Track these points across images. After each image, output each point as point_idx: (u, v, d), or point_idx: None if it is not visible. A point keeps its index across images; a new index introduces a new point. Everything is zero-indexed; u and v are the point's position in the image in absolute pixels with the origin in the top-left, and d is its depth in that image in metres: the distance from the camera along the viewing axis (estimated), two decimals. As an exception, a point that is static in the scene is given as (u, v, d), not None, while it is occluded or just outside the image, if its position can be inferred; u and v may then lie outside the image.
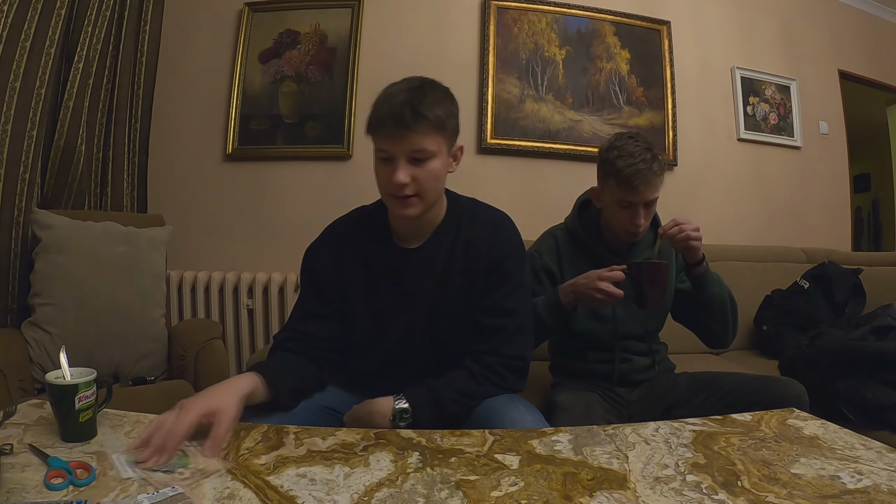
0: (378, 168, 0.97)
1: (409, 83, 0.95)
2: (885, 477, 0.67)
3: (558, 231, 1.43)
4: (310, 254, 1.09)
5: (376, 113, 0.93)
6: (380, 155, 0.95)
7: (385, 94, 0.95)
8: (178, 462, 0.70)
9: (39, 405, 0.89)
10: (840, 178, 3.02)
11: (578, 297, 1.22)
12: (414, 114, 0.90)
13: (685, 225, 1.21)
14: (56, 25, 1.86)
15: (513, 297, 1.04)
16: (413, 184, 0.94)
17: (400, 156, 0.93)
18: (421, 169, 0.94)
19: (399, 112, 0.90)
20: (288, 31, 2.52)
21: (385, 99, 0.93)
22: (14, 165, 1.78)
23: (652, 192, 1.24)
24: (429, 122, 0.92)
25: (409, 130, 0.91)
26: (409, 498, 0.63)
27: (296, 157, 2.48)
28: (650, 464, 0.72)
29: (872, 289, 2.20)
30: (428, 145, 0.93)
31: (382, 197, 1.00)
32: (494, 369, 1.00)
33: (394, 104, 0.91)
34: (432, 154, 0.94)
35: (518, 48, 2.57)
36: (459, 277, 1.04)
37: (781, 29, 2.93)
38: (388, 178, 0.94)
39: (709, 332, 1.36)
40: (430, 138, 0.93)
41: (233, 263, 2.42)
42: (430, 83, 0.97)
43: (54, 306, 1.66)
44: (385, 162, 0.95)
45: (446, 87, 1.00)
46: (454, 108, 0.99)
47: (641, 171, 1.21)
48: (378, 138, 0.94)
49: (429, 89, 0.94)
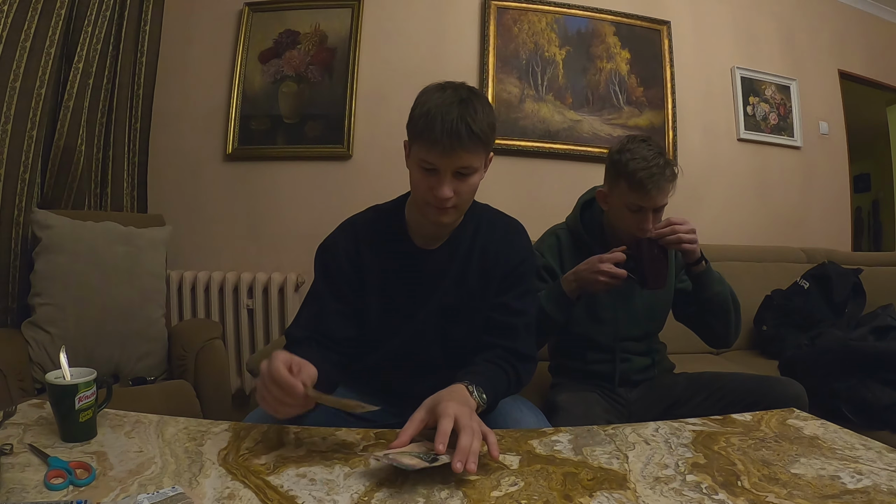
0: (418, 176, 0.95)
1: (457, 93, 0.92)
2: (885, 477, 0.67)
3: (560, 230, 1.43)
4: (325, 249, 1.07)
5: (428, 125, 0.90)
6: (423, 165, 0.93)
7: (434, 104, 0.91)
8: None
9: (39, 405, 0.89)
10: (840, 179, 3.02)
11: (581, 284, 1.20)
12: (469, 132, 0.89)
13: (679, 226, 1.20)
14: (56, 25, 1.86)
15: (523, 299, 1.07)
16: (455, 197, 0.94)
17: (446, 170, 0.92)
18: (464, 183, 0.94)
19: (455, 130, 0.88)
20: (288, 31, 2.52)
21: (438, 111, 0.90)
22: (14, 165, 1.78)
23: (663, 198, 1.23)
24: (479, 140, 0.91)
25: (463, 149, 0.90)
26: (409, 498, 0.63)
27: (296, 157, 2.48)
28: (650, 464, 0.72)
29: (872, 289, 2.20)
30: (474, 162, 0.93)
31: (417, 203, 0.99)
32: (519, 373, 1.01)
33: (449, 119, 0.89)
34: (475, 170, 0.95)
35: (518, 48, 2.57)
36: (475, 280, 1.05)
37: (781, 29, 2.93)
38: (430, 189, 0.93)
39: (711, 331, 1.35)
40: (478, 155, 0.93)
41: (233, 263, 2.42)
42: (475, 93, 0.95)
43: (54, 306, 1.66)
44: (428, 172, 0.93)
45: (485, 95, 1.01)
46: (495, 119, 0.98)
47: (655, 175, 1.19)
48: (426, 150, 0.92)
49: (477, 102, 0.92)
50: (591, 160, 2.54)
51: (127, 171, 2.29)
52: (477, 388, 0.88)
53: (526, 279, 1.08)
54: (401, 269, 1.05)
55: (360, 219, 1.11)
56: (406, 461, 0.66)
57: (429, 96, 0.94)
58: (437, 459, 0.67)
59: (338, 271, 1.04)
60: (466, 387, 0.87)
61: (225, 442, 0.77)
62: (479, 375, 0.92)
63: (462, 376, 0.91)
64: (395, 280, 1.05)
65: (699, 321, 1.36)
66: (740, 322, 1.33)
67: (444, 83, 0.96)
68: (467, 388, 0.86)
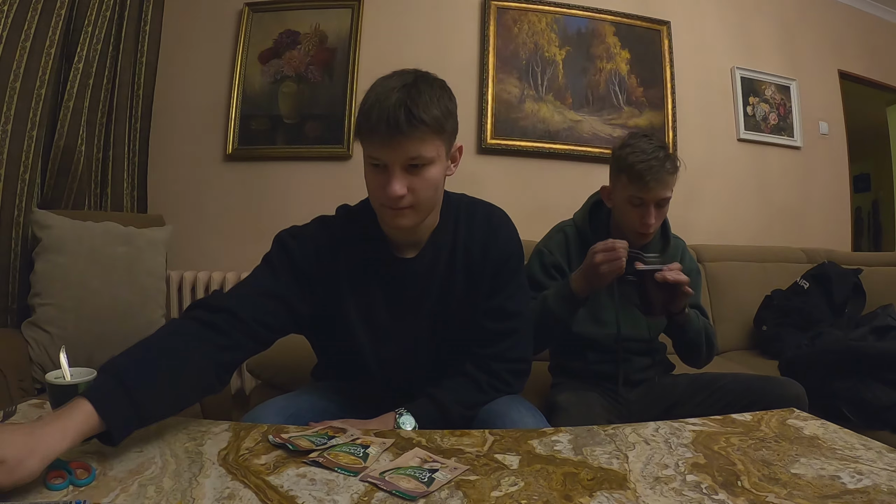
0: (369, 175, 0.87)
1: (402, 79, 0.85)
2: (885, 477, 0.67)
3: (568, 227, 1.42)
4: (291, 236, 0.96)
5: (365, 116, 0.83)
6: (371, 161, 0.86)
7: (375, 93, 0.84)
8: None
9: (39, 405, 0.89)
10: (840, 178, 3.02)
11: (589, 279, 1.19)
12: (409, 117, 0.80)
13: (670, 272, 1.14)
14: (56, 25, 1.86)
15: (515, 298, 1.02)
16: (409, 194, 0.85)
17: (395, 164, 0.83)
18: (418, 178, 0.85)
19: (393, 116, 0.80)
20: (288, 32, 2.52)
21: (375, 99, 0.83)
22: (14, 165, 1.78)
23: (663, 191, 1.24)
24: (426, 126, 0.82)
25: (405, 136, 0.81)
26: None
27: (296, 157, 2.48)
28: (650, 464, 0.72)
29: (872, 289, 2.20)
30: (425, 151, 0.84)
31: (374, 206, 0.92)
32: (500, 376, 0.99)
33: (386, 106, 0.81)
34: (430, 160, 0.85)
35: (518, 48, 2.57)
36: (462, 284, 0.99)
37: (781, 29, 2.93)
38: (381, 187, 0.85)
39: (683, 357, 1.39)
40: (428, 143, 0.84)
41: (233, 263, 2.41)
42: (424, 77, 0.87)
43: (54, 306, 1.66)
44: (377, 169, 0.86)
45: (442, 80, 0.90)
46: (452, 105, 0.88)
47: (654, 167, 1.21)
48: (369, 144, 0.84)
49: (423, 86, 0.84)
50: (591, 160, 2.54)
51: (127, 171, 2.28)
52: (407, 415, 0.91)
53: (516, 276, 1.02)
54: (379, 280, 0.97)
55: (336, 220, 1.01)
56: (403, 485, 0.64)
57: (373, 86, 0.86)
58: (434, 480, 0.66)
59: (302, 261, 0.93)
60: (395, 413, 0.91)
61: (225, 442, 0.77)
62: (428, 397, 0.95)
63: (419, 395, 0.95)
64: (374, 293, 0.97)
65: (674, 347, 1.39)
66: (712, 355, 1.36)
67: (396, 71, 0.89)
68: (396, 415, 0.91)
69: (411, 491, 0.63)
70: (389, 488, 0.63)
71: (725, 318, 2.26)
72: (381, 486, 0.64)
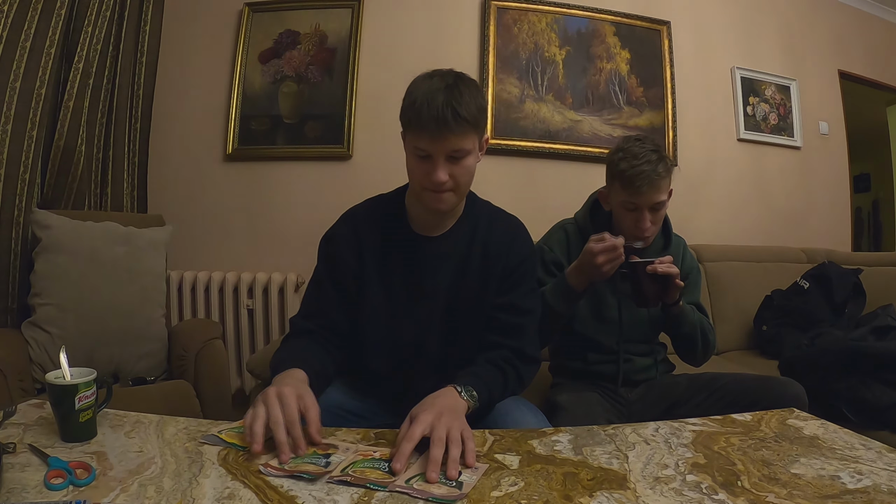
0: (413, 164, 0.99)
1: (444, 79, 0.96)
2: (885, 477, 0.67)
3: (569, 224, 1.43)
4: (328, 240, 1.10)
5: (416, 113, 0.94)
6: (417, 152, 0.97)
7: (421, 91, 0.95)
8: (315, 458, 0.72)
9: (39, 405, 0.89)
10: (840, 179, 3.02)
11: (586, 273, 1.19)
12: (455, 116, 0.91)
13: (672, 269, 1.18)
14: (56, 25, 1.86)
15: (529, 297, 1.08)
16: (451, 180, 0.97)
17: (439, 155, 0.95)
18: (458, 166, 0.97)
19: (442, 115, 0.91)
20: (288, 32, 2.52)
21: (424, 98, 0.93)
22: (14, 165, 1.78)
23: (656, 195, 1.23)
24: (468, 124, 0.93)
25: (451, 132, 0.93)
26: (409, 498, 0.63)
27: (296, 157, 2.48)
28: (650, 464, 0.72)
29: (872, 289, 2.20)
30: (465, 144, 0.95)
31: (415, 190, 1.02)
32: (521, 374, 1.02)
33: (435, 106, 0.91)
34: (468, 151, 0.97)
35: (518, 48, 2.57)
36: (476, 275, 1.06)
37: (781, 29, 2.93)
38: (426, 175, 0.96)
39: (680, 353, 1.39)
40: (468, 137, 0.95)
41: (233, 263, 2.42)
42: (462, 78, 0.98)
43: (54, 306, 1.66)
44: (422, 159, 0.97)
45: (474, 80, 1.01)
46: (484, 102, 1.01)
47: (644, 172, 1.20)
48: (416, 137, 0.95)
49: (463, 86, 0.95)
50: (591, 160, 2.54)
51: (127, 171, 2.29)
52: (466, 388, 0.89)
53: (529, 277, 1.10)
54: (401, 257, 1.06)
55: (361, 208, 1.13)
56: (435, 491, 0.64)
57: (417, 85, 0.97)
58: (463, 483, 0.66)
59: (341, 263, 1.06)
60: (455, 388, 0.88)
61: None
62: (474, 377, 0.94)
63: (457, 377, 0.92)
64: (395, 269, 1.06)
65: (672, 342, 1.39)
66: (709, 352, 1.36)
67: (433, 71, 1.00)
68: (456, 389, 0.88)
69: (445, 496, 0.63)
70: (424, 496, 0.63)
71: (726, 318, 2.26)
72: (413, 495, 0.63)
